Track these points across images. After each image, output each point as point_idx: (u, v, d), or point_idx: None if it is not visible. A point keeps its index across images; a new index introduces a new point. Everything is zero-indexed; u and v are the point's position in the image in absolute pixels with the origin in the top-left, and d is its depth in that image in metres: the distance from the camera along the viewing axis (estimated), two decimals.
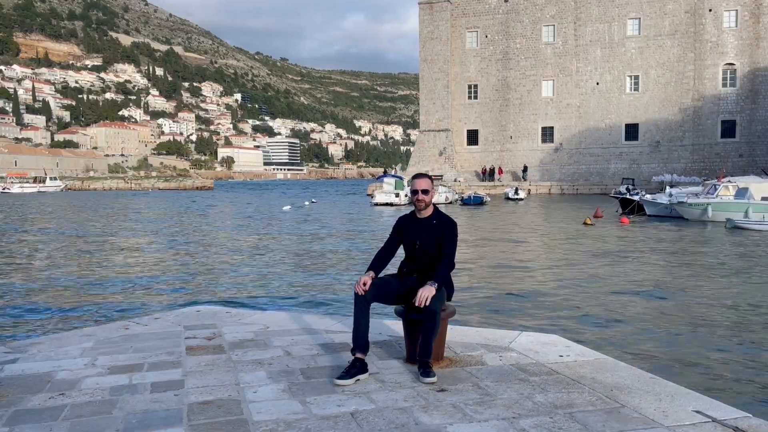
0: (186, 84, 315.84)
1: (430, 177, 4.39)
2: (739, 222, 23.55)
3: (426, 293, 3.88)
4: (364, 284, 4.00)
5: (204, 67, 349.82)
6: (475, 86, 63.98)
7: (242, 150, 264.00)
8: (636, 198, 32.35)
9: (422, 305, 3.88)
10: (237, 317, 5.68)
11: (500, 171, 61.23)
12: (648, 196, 31.90)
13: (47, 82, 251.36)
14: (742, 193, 25.99)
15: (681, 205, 27.80)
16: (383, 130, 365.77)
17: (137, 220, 32.30)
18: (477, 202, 41.98)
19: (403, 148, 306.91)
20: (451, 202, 43.65)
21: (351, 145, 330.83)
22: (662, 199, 30.41)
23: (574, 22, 60.82)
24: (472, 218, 30.71)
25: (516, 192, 48.71)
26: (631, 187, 42.23)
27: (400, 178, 44.92)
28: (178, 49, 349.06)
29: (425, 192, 4.23)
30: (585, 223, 24.98)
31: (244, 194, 76.01)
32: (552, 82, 61.81)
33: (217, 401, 3.49)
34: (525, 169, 61.35)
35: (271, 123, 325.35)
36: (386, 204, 41.92)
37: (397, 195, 41.59)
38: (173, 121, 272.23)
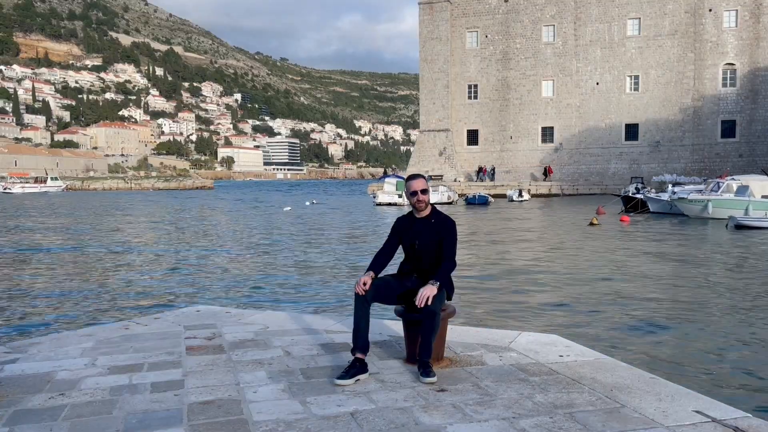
0: (186, 84, 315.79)
1: (424, 177, 4.41)
2: (741, 220, 23.49)
3: (427, 293, 3.88)
4: (364, 284, 3.99)
5: (204, 67, 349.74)
6: (475, 86, 63.91)
7: (242, 150, 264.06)
8: (639, 196, 32.52)
9: (422, 305, 3.88)
10: (237, 317, 5.68)
11: (550, 170, 58.94)
12: (651, 193, 32.09)
13: (47, 82, 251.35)
14: (742, 190, 26.02)
15: (681, 201, 27.84)
16: (383, 130, 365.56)
17: (137, 220, 32.28)
18: (482, 201, 42.00)
19: (403, 148, 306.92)
20: (452, 202, 43.65)
21: (351, 145, 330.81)
22: (664, 195, 30.66)
23: (574, 22, 60.78)
24: (476, 218, 30.69)
25: (519, 194, 47.59)
26: (640, 186, 41.72)
27: (402, 178, 44.94)
28: (178, 49, 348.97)
29: (424, 192, 4.24)
30: (592, 223, 24.90)
31: (243, 195, 75.96)
32: (552, 82, 61.76)
33: (217, 401, 3.49)
34: (480, 170, 60.63)
35: (271, 123, 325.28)
36: (389, 204, 42.01)
37: (400, 195, 41.68)
38: (173, 121, 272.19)
